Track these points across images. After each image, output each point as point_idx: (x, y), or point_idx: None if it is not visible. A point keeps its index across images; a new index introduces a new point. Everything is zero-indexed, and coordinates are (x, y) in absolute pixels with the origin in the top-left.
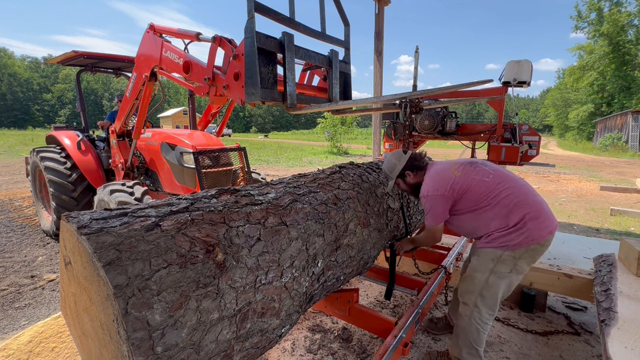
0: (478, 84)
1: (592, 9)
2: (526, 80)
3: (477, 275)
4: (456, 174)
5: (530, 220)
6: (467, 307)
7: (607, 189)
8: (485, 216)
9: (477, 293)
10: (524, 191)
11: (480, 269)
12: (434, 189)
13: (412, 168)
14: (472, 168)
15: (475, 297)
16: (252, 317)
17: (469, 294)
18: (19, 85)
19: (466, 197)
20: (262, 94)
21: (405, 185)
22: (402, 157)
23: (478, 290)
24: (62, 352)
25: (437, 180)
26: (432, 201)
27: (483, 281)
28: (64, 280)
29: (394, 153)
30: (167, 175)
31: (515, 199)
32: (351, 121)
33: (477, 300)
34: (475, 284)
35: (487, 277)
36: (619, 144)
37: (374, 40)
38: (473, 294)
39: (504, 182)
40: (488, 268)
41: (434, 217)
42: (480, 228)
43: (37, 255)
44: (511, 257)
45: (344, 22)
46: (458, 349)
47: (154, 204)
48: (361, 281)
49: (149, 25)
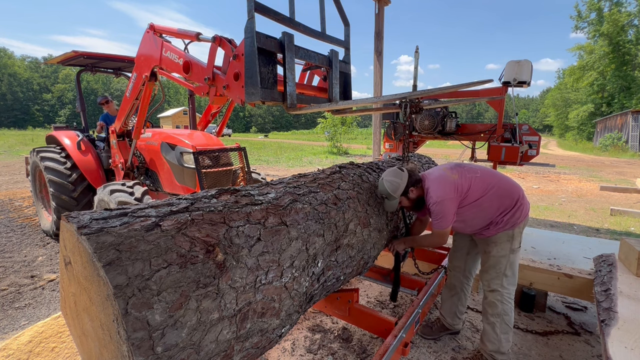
0: (478, 84)
1: (592, 9)
2: (526, 80)
3: (502, 260)
4: (454, 177)
5: (521, 197)
6: (497, 292)
7: (607, 189)
8: (487, 205)
9: (502, 275)
10: (506, 178)
11: (502, 253)
12: (443, 193)
13: (413, 183)
14: (462, 168)
15: (501, 279)
16: (252, 317)
17: (495, 280)
18: (19, 85)
19: (469, 194)
20: (262, 94)
21: (407, 202)
22: (402, 175)
23: (502, 272)
24: (62, 352)
25: (443, 186)
26: (443, 205)
27: (505, 263)
28: (64, 280)
29: (392, 172)
30: (167, 175)
31: (505, 184)
32: (351, 121)
33: (503, 282)
34: (500, 268)
35: (508, 257)
36: (619, 144)
37: (374, 40)
38: (499, 278)
39: (489, 174)
40: (507, 249)
41: (445, 220)
42: (485, 217)
43: (37, 255)
44: (519, 232)
45: (344, 22)
46: (497, 340)
47: (154, 204)
48: (361, 281)
49: (149, 25)
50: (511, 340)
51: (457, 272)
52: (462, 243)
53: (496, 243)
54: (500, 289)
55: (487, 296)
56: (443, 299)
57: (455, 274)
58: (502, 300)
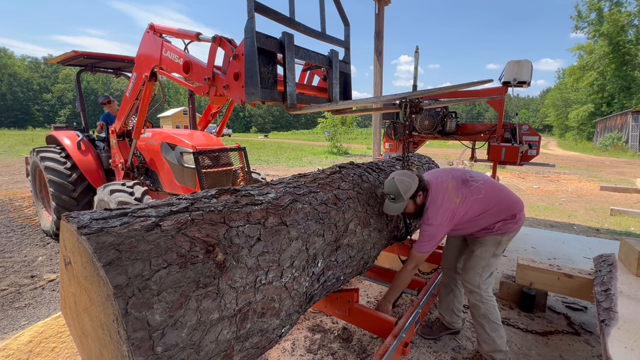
0: (478, 84)
1: (592, 9)
2: (526, 80)
3: (480, 262)
4: (457, 201)
5: (519, 213)
6: (475, 293)
7: (607, 189)
8: (483, 221)
9: (479, 275)
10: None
11: (484, 255)
12: (441, 217)
13: (423, 188)
14: (467, 189)
15: (478, 279)
16: (252, 317)
17: (472, 279)
18: (19, 85)
19: (464, 217)
20: (262, 94)
21: (413, 207)
22: (414, 177)
23: (479, 272)
24: (62, 352)
25: (443, 210)
26: (436, 230)
27: (484, 264)
28: (64, 280)
29: (403, 172)
30: (167, 175)
31: (506, 202)
32: (351, 121)
33: (479, 282)
34: (478, 269)
35: (488, 260)
36: (619, 144)
37: (374, 40)
38: (475, 278)
39: (493, 195)
40: (491, 252)
41: (431, 244)
42: (478, 227)
43: (37, 255)
44: (506, 240)
45: (344, 22)
46: (490, 340)
47: (154, 204)
48: (361, 281)
49: (149, 25)
50: (504, 335)
51: (449, 270)
52: (454, 242)
53: (482, 244)
54: (477, 289)
55: (468, 299)
56: (440, 298)
57: (447, 271)
58: (481, 301)
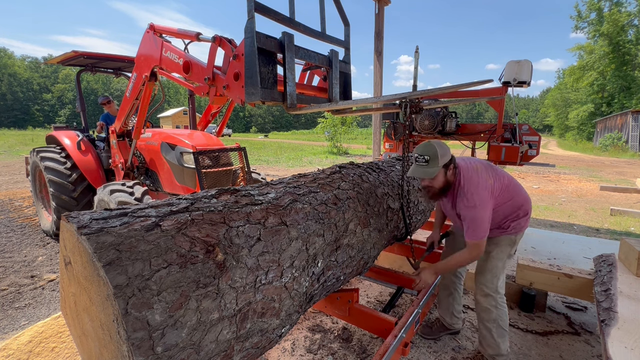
0: (478, 84)
1: (592, 9)
2: (526, 80)
3: (498, 264)
4: (490, 182)
5: (530, 210)
6: (491, 297)
7: (607, 189)
8: (501, 212)
9: (497, 277)
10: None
11: (500, 256)
12: (482, 196)
13: (455, 163)
14: (495, 172)
15: (496, 282)
16: (252, 317)
17: (490, 282)
18: (19, 85)
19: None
20: (262, 94)
21: (442, 178)
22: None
23: (497, 275)
24: (62, 352)
25: (482, 187)
26: (481, 211)
27: (501, 266)
28: (64, 280)
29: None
30: (167, 175)
31: (524, 196)
32: (351, 121)
33: (497, 285)
34: (496, 271)
35: (504, 261)
36: (619, 144)
37: (374, 40)
38: (494, 281)
39: (512, 184)
40: (507, 252)
41: (482, 228)
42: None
43: (37, 255)
44: (519, 239)
45: (344, 22)
46: (495, 344)
47: (154, 204)
48: (361, 281)
49: (149, 25)
50: (508, 339)
51: (448, 273)
52: (455, 243)
53: (498, 244)
54: (493, 293)
55: (480, 301)
56: (439, 299)
57: (446, 274)
58: (496, 306)
